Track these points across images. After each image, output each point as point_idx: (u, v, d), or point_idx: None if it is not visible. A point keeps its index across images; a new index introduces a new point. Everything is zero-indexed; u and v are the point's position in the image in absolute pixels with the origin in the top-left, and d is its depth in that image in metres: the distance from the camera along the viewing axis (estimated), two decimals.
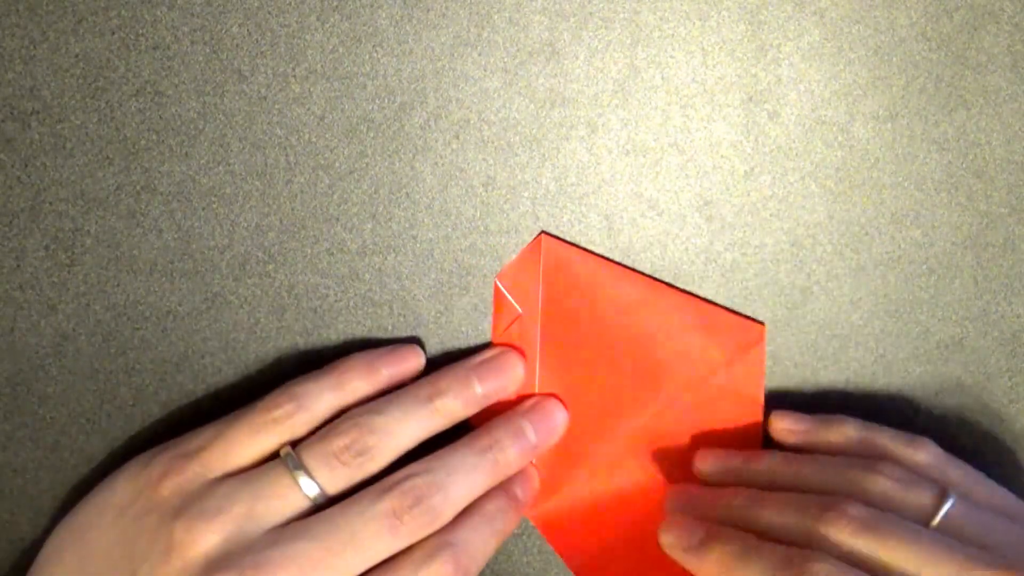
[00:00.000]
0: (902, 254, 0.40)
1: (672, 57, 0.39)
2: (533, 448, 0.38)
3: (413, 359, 0.39)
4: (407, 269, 0.40)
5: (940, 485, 0.36)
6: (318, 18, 0.38)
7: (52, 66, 0.38)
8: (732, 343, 0.40)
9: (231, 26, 0.38)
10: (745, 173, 0.40)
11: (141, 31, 0.38)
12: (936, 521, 0.34)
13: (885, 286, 0.41)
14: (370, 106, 0.39)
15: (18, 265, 0.39)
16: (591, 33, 0.39)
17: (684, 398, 0.40)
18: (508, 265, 0.40)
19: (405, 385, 0.38)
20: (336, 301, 0.39)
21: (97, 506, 0.36)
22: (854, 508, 0.34)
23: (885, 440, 0.38)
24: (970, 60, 0.40)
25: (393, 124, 0.39)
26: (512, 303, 0.40)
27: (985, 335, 0.41)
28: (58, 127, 0.38)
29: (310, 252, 0.39)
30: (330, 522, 0.34)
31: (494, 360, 0.39)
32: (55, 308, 0.39)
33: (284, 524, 0.35)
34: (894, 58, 0.40)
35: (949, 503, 0.35)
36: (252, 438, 0.36)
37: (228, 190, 0.39)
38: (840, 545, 0.34)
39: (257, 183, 0.39)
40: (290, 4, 0.38)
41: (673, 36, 0.39)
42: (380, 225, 0.39)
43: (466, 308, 0.40)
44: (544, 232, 0.40)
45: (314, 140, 0.39)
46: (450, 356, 0.40)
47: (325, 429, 0.36)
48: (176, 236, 0.39)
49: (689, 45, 0.39)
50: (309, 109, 0.39)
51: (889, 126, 0.40)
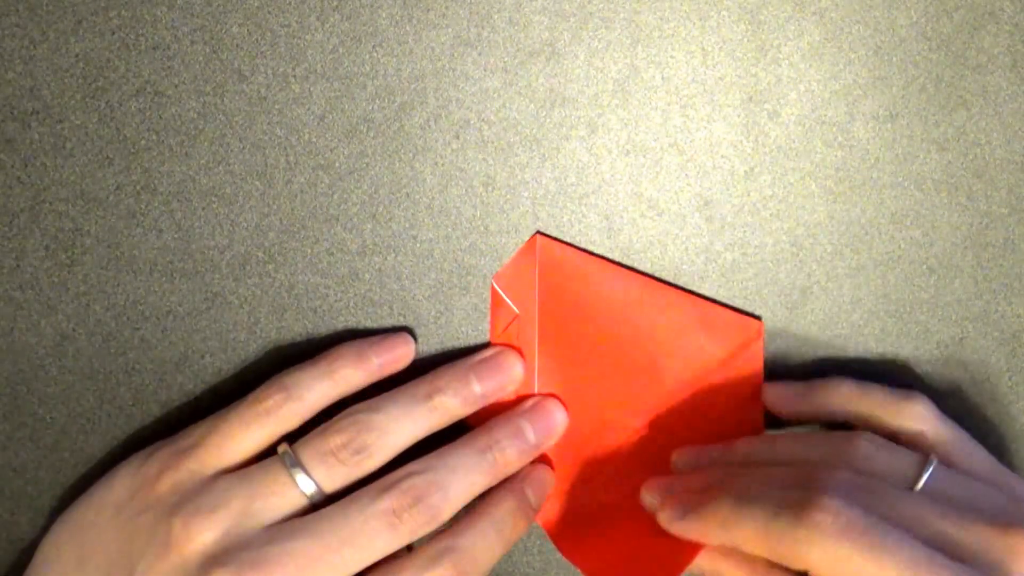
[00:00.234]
0: (902, 254, 0.40)
1: (672, 57, 0.39)
2: (532, 448, 0.38)
3: (403, 347, 0.39)
4: (407, 269, 0.40)
5: (922, 452, 0.35)
6: (318, 18, 0.38)
7: (52, 66, 0.38)
8: (730, 339, 0.40)
9: (231, 26, 0.38)
10: (745, 173, 0.40)
11: (141, 31, 0.38)
12: (920, 486, 0.34)
13: (885, 286, 0.40)
14: (370, 106, 0.39)
15: (18, 265, 0.39)
16: (591, 33, 0.39)
17: (683, 395, 0.40)
18: (504, 266, 0.40)
19: (396, 374, 0.38)
20: (336, 301, 0.39)
21: (95, 503, 0.36)
22: (841, 472, 0.34)
23: (878, 399, 0.37)
24: (970, 60, 0.40)
25: (393, 124, 0.39)
26: (509, 304, 0.40)
27: (985, 335, 0.41)
28: (58, 127, 0.38)
29: (310, 252, 0.39)
30: (329, 520, 0.34)
31: (493, 359, 0.39)
32: (55, 308, 0.39)
33: (282, 521, 0.35)
34: (894, 58, 0.40)
35: (930, 470, 0.34)
36: (244, 431, 0.36)
37: (228, 190, 0.39)
38: None
39: (257, 183, 0.39)
40: (290, 4, 0.38)
41: (673, 36, 0.39)
42: (380, 225, 0.39)
43: (466, 308, 0.40)
44: (539, 232, 0.40)
45: (314, 140, 0.39)
46: (449, 356, 0.40)
47: (322, 427, 0.36)
48: (176, 236, 0.39)
49: (689, 45, 0.39)
50: (309, 109, 0.39)
51: (889, 126, 0.40)
